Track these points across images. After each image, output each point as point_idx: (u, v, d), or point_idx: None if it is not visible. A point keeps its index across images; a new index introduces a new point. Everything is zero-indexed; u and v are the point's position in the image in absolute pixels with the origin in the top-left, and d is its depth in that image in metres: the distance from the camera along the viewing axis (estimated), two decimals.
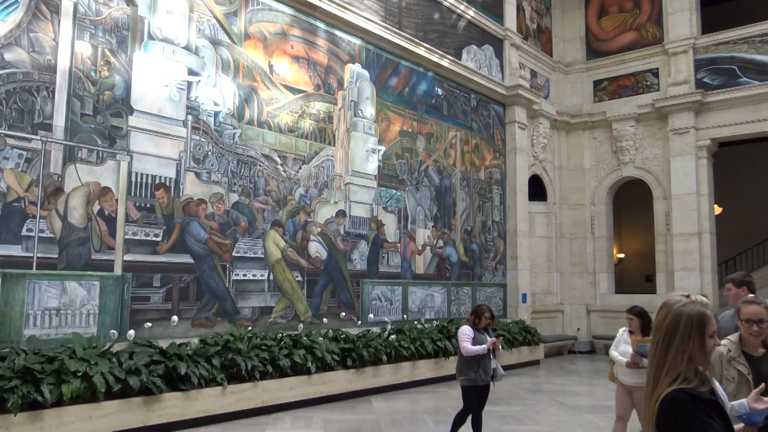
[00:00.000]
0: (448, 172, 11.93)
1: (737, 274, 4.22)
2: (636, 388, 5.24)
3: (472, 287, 12.23)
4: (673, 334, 2.01)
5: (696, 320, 2.02)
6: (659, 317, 2.07)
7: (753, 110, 13.10)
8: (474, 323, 5.83)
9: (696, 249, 13.45)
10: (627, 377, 5.37)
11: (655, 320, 2.09)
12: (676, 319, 2.03)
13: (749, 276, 4.15)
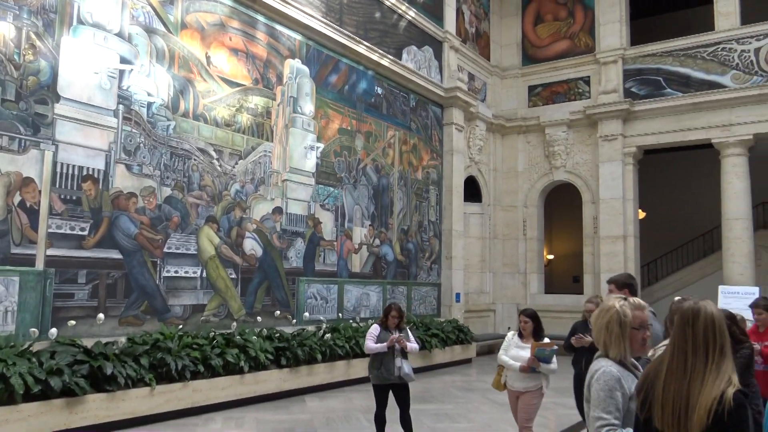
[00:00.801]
0: (386, 171, 11.97)
1: (621, 275, 4.22)
2: (524, 393, 5.14)
3: (407, 286, 12.32)
4: (722, 334, 2.09)
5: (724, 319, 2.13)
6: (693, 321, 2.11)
7: (676, 120, 13.75)
8: (382, 322, 5.78)
9: (621, 252, 14.02)
10: (518, 382, 5.18)
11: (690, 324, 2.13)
12: (720, 320, 2.11)
13: (632, 278, 4.16)
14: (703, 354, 2.07)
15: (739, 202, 13.05)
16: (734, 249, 12.99)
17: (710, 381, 2.01)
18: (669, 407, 2.09)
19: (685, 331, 2.11)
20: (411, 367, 5.68)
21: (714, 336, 2.06)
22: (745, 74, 13.03)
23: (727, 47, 13.29)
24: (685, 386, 2.05)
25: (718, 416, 1.95)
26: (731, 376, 2.02)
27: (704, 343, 2.07)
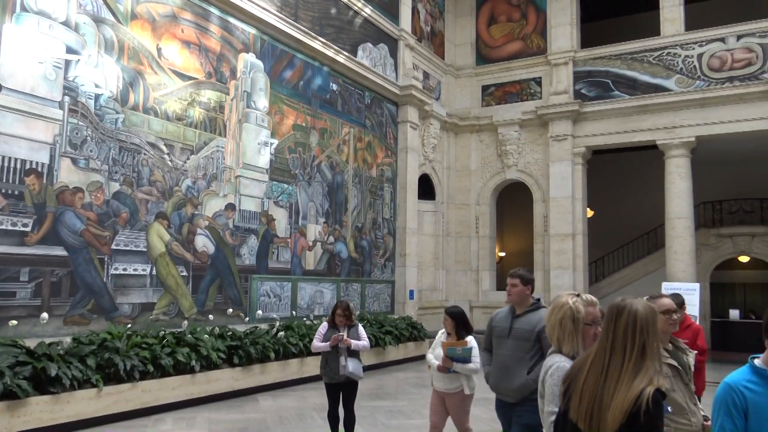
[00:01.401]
0: (341, 168, 11.92)
1: (523, 270, 4.07)
2: (448, 394, 4.93)
3: (361, 284, 12.31)
4: (644, 332, 2.07)
5: (655, 318, 2.11)
6: (616, 318, 2.10)
7: (623, 122, 14.16)
8: (330, 320, 5.73)
9: (570, 249, 14.35)
10: (439, 383, 4.96)
11: (613, 321, 2.11)
12: (644, 318, 2.08)
13: (532, 274, 4.09)
14: (621, 353, 2.05)
15: (681, 202, 13.53)
16: (677, 247, 13.46)
17: (626, 380, 2.01)
18: (585, 401, 2.10)
19: (608, 328, 2.10)
20: (359, 365, 5.56)
21: (634, 335, 2.04)
22: (689, 78, 13.51)
23: (672, 52, 13.74)
24: (600, 383, 2.06)
25: (633, 415, 1.95)
26: (653, 377, 2.01)
27: (623, 342, 2.06)
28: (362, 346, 5.62)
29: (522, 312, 3.94)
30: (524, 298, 3.96)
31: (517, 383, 3.76)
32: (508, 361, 3.86)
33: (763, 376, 2.02)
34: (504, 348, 3.93)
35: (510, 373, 3.84)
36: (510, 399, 3.84)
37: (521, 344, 3.84)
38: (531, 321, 3.86)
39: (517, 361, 3.82)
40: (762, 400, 2.00)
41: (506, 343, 3.92)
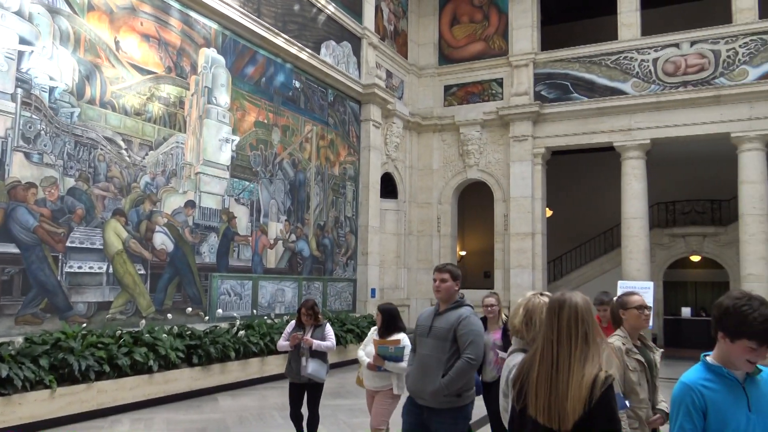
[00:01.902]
0: (303, 166, 11.86)
1: (452, 265, 3.96)
2: (377, 392, 4.92)
3: (323, 282, 12.27)
4: (585, 322, 2.19)
5: (591, 309, 2.26)
6: (558, 311, 2.20)
7: (582, 124, 14.44)
8: (297, 319, 5.66)
9: (529, 248, 14.58)
10: (368, 380, 4.96)
11: (556, 314, 2.21)
12: (584, 309, 2.22)
13: (459, 269, 3.95)
14: (567, 343, 2.16)
15: (637, 203, 13.88)
16: (632, 246, 13.80)
17: (576, 368, 2.11)
18: (542, 396, 2.17)
19: (552, 321, 2.21)
20: (322, 367, 5.41)
21: (576, 325, 2.16)
22: (645, 82, 13.86)
23: (629, 56, 14.08)
24: (553, 375, 2.15)
25: (591, 402, 2.07)
26: (601, 363, 2.14)
27: (567, 333, 2.17)
28: (325, 347, 5.45)
29: (444, 309, 3.77)
30: (452, 294, 3.79)
31: (432, 387, 3.58)
32: (427, 361, 3.70)
33: (718, 373, 2.08)
34: (424, 347, 3.76)
35: (428, 374, 3.66)
36: (426, 403, 3.64)
37: (440, 344, 3.67)
38: (450, 319, 3.69)
39: (436, 361, 3.65)
40: (720, 398, 2.04)
41: (426, 342, 3.75)
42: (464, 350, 3.59)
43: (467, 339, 3.61)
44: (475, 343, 3.62)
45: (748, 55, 13.02)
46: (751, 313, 2.00)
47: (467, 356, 3.57)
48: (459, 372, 3.56)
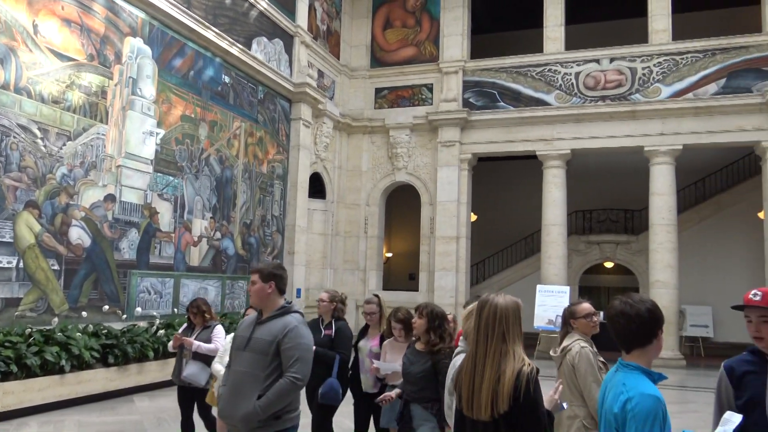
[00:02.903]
0: (231, 162, 11.65)
1: (266, 264, 3.44)
2: None
3: (247, 281, 12.08)
4: (503, 321, 2.34)
5: (517, 309, 2.40)
6: (480, 311, 2.39)
7: (506, 132, 14.89)
8: (188, 319, 5.50)
9: (454, 251, 14.89)
10: None
11: (478, 314, 2.39)
12: (504, 309, 2.36)
13: (281, 269, 3.31)
14: (484, 341, 2.33)
15: (556, 210, 14.45)
16: (551, 252, 14.36)
17: (490, 363, 2.29)
18: (465, 389, 2.36)
19: (476, 321, 2.39)
20: (202, 371, 5.10)
21: (494, 324, 2.33)
22: (567, 95, 14.45)
23: (553, 69, 14.64)
24: (474, 369, 2.33)
25: (518, 394, 2.23)
26: (524, 358, 2.32)
27: (485, 331, 2.34)
28: (206, 349, 5.14)
29: (267, 317, 3.20)
30: (267, 298, 3.21)
31: (244, 410, 3.02)
32: (241, 379, 3.11)
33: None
34: (239, 363, 3.17)
35: (241, 395, 3.08)
36: (237, 429, 3.10)
37: (258, 359, 3.09)
38: (272, 330, 3.12)
39: (251, 380, 3.07)
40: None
41: (243, 356, 3.16)
42: (288, 368, 3.04)
43: (293, 355, 3.05)
44: (303, 360, 3.08)
45: (662, 74, 13.81)
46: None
47: (292, 375, 3.03)
48: (279, 393, 3.01)
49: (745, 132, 13.21)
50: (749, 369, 2.66)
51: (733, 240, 16.84)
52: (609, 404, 2.14)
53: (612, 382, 2.20)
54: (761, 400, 2.56)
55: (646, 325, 2.14)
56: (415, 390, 3.93)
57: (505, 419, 2.26)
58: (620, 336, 2.19)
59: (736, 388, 2.66)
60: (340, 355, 4.82)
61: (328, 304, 5.03)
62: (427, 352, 3.94)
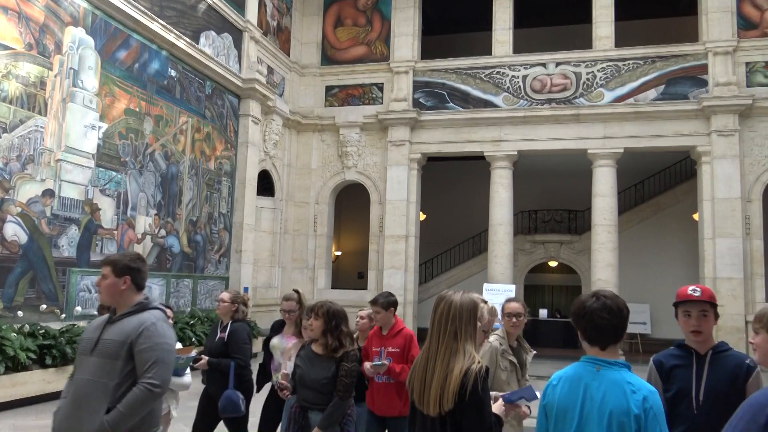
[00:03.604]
0: (177, 158, 11.39)
1: (119, 255, 2.99)
2: None
3: (193, 279, 11.86)
4: (456, 319, 2.35)
5: (473, 307, 2.39)
6: (435, 308, 2.40)
7: (455, 132, 15.07)
8: None
9: (403, 250, 14.98)
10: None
11: (434, 311, 2.40)
12: (458, 307, 2.36)
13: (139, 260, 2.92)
14: (437, 337, 2.36)
15: (503, 210, 14.71)
16: (498, 251, 14.61)
17: (440, 360, 2.31)
18: (417, 384, 2.38)
19: (432, 318, 2.41)
20: None
21: (447, 321, 2.34)
22: (514, 97, 14.73)
23: (501, 71, 14.90)
24: (427, 365, 2.36)
25: (464, 391, 2.25)
26: (474, 356, 2.33)
27: (438, 328, 2.36)
28: None
29: (119, 315, 2.76)
30: (121, 296, 2.78)
31: (90, 426, 2.52)
32: (85, 389, 2.62)
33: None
34: (84, 370, 2.68)
35: (84, 408, 2.58)
36: None
37: (107, 364, 2.62)
38: (124, 329, 2.68)
39: (98, 390, 2.59)
40: None
41: (88, 362, 2.68)
42: (144, 373, 2.60)
43: (149, 357, 2.61)
44: (161, 364, 2.63)
45: (605, 79, 14.24)
46: None
47: (147, 382, 2.58)
48: (133, 404, 2.55)
49: (682, 137, 13.77)
50: (677, 363, 2.80)
51: (670, 240, 17.54)
52: (615, 406, 2.05)
53: (602, 381, 2.10)
54: (688, 392, 2.71)
55: (625, 319, 2.17)
56: (314, 396, 3.58)
57: (451, 417, 2.27)
58: (602, 331, 2.14)
59: (665, 381, 2.79)
60: (234, 361, 4.54)
61: (228, 305, 4.75)
62: (328, 356, 3.59)
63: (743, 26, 13.70)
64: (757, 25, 13.67)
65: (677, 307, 2.85)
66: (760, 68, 13.54)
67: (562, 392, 2.16)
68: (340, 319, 3.64)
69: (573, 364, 2.22)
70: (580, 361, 2.21)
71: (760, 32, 13.63)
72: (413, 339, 4.47)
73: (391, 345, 4.41)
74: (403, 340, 4.42)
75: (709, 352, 2.79)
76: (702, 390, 2.70)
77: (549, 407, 2.21)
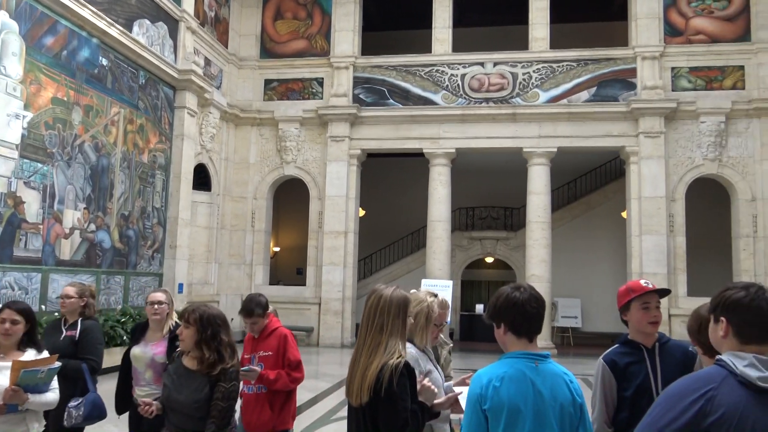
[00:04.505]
0: (108, 150, 10.98)
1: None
2: None
3: (125, 276, 11.47)
4: (384, 313, 2.38)
5: (403, 303, 2.43)
6: (366, 302, 2.43)
7: (395, 129, 15.15)
8: None
9: (342, 246, 14.95)
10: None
11: (366, 304, 2.44)
12: (386, 302, 2.39)
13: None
14: (365, 330, 2.42)
15: (441, 207, 14.90)
16: (436, 247, 14.79)
17: (365, 353, 2.37)
18: (348, 376, 2.44)
19: (364, 310, 2.46)
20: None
21: (375, 314, 2.39)
22: (453, 95, 14.93)
23: (441, 69, 15.07)
24: (356, 357, 2.42)
25: (379, 386, 2.30)
26: (394, 351, 2.36)
27: (367, 321, 2.42)
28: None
29: None
30: None
31: None
32: None
33: None
34: None
35: None
36: None
37: None
38: None
39: None
40: None
41: None
42: None
43: None
44: None
45: (540, 80, 14.62)
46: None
47: None
48: None
49: (612, 137, 14.30)
50: (631, 360, 2.78)
51: (600, 237, 18.19)
52: (564, 398, 2.09)
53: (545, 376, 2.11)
54: (648, 388, 2.72)
55: (544, 309, 2.21)
56: (184, 421, 2.94)
57: (369, 409, 2.33)
58: (532, 321, 2.15)
59: (621, 380, 2.75)
60: (87, 363, 3.89)
61: (76, 301, 4.09)
62: (202, 373, 2.94)
63: (669, 33, 14.34)
64: (682, 32, 14.34)
65: (632, 302, 2.80)
66: (684, 73, 14.21)
67: (509, 392, 2.07)
68: (218, 326, 2.98)
69: (506, 362, 2.15)
70: (514, 357, 2.15)
71: (685, 39, 14.30)
72: (288, 339, 3.89)
73: (263, 348, 3.84)
74: (277, 341, 3.84)
75: (656, 345, 2.82)
76: (659, 383, 2.71)
77: (496, 409, 2.06)
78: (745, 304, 1.67)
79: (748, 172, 13.74)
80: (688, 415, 1.58)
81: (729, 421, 1.54)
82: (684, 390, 1.65)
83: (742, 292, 1.69)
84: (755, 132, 13.76)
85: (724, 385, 1.60)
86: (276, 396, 3.77)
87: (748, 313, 1.67)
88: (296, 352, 3.89)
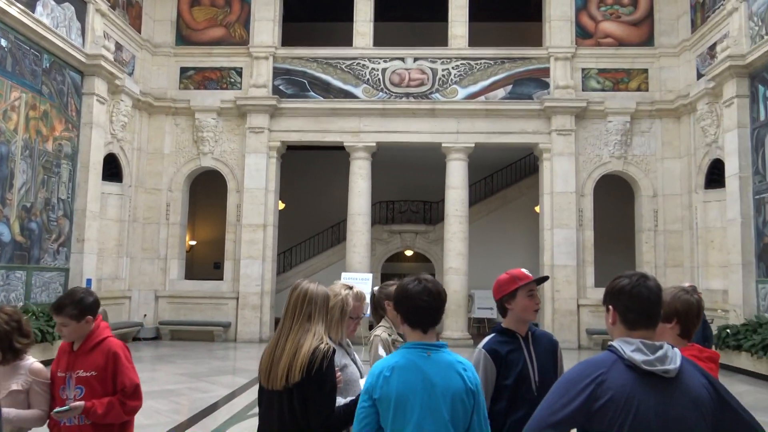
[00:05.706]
0: (7, 138, 10.30)
1: None
2: None
3: (27, 271, 10.82)
4: (312, 303, 2.54)
5: (326, 297, 2.62)
6: (291, 292, 2.58)
7: (316, 121, 15.04)
8: None
9: (261, 239, 14.72)
10: None
11: (290, 295, 2.58)
12: (314, 293, 2.57)
13: None
14: (291, 317, 2.53)
15: (361, 200, 14.95)
16: (356, 240, 14.83)
17: (292, 338, 2.48)
18: (265, 361, 2.53)
19: (287, 301, 2.59)
20: None
21: (302, 304, 2.53)
22: (374, 89, 14.98)
23: (362, 63, 15.08)
24: (278, 344, 2.51)
25: (308, 369, 2.40)
26: (323, 337, 2.51)
27: (293, 310, 2.54)
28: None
29: None
30: None
31: None
32: None
33: None
34: None
35: None
36: None
37: None
38: None
39: None
40: None
41: None
42: None
43: None
44: None
45: (459, 77, 14.91)
46: None
47: None
48: None
49: (526, 134, 14.80)
50: (510, 348, 2.85)
51: (515, 230, 18.82)
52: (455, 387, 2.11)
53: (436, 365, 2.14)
54: (527, 375, 2.81)
55: (444, 303, 2.24)
56: None
57: (298, 390, 2.40)
58: (424, 314, 2.18)
59: (501, 368, 2.81)
60: None
61: None
62: None
63: (580, 35, 14.97)
64: (592, 35, 15.00)
65: (518, 290, 2.85)
66: (593, 74, 14.89)
67: (399, 382, 2.09)
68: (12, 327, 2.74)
69: (400, 352, 2.19)
70: (408, 348, 2.19)
71: (594, 41, 14.97)
72: (119, 358, 2.99)
73: (84, 366, 2.96)
74: (104, 359, 2.97)
75: (529, 333, 2.92)
76: (536, 371, 2.82)
77: (384, 399, 2.09)
78: (626, 292, 1.80)
79: (651, 169, 14.58)
80: (580, 399, 1.68)
81: (617, 403, 1.64)
82: (577, 376, 1.76)
83: (626, 280, 1.82)
84: (657, 132, 14.61)
85: (613, 369, 1.71)
86: (102, 429, 2.93)
87: (629, 300, 1.79)
88: (133, 375, 3.02)
